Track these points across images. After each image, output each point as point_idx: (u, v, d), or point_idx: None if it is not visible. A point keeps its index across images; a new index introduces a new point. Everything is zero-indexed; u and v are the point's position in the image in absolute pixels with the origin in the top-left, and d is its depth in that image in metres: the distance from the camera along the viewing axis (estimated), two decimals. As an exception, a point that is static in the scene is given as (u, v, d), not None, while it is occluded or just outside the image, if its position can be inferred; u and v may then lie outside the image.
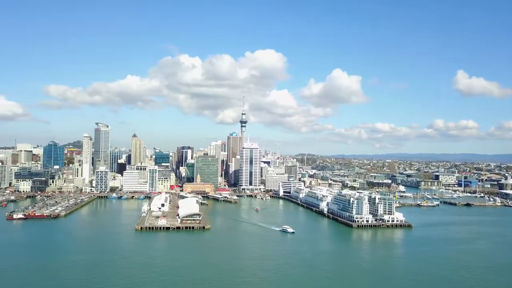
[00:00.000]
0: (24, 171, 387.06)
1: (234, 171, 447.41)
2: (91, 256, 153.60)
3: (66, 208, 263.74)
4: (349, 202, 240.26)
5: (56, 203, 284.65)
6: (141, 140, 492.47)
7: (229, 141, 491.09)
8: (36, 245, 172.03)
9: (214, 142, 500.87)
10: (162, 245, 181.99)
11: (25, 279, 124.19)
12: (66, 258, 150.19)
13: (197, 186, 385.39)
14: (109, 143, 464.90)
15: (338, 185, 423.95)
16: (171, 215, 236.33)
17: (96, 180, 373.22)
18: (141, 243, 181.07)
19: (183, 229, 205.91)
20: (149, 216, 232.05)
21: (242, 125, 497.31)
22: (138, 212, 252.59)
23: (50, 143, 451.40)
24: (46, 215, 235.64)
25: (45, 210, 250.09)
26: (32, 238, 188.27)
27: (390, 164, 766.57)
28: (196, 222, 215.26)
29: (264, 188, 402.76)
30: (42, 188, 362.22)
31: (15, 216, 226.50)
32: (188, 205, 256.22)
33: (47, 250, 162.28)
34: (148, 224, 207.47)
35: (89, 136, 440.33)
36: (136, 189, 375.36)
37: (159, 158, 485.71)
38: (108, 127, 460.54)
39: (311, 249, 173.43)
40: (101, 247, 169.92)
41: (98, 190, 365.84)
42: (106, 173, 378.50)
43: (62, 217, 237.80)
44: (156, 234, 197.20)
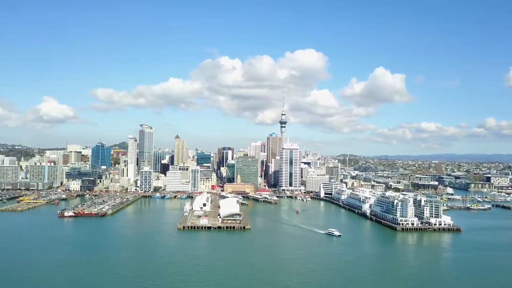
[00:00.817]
0: (74, 171, 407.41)
1: (274, 172, 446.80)
2: (136, 254, 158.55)
3: (112, 206, 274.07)
4: (393, 204, 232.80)
5: (103, 202, 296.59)
6: (184, 141, 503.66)
7: (269, 142, 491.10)
8: (85, 241, 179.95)
9: (253, 143, 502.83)
10: (204, 244, 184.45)
11: (75, 273, 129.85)
12: (112, 254, 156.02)
13: (237, 186, 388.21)
14: (153, 144, 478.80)
15: (382, 187, 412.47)
16: (212, 214, 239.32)
17: (141, 180, 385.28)
18: (183, 242, 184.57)
19: (224, 228, 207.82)
20: (191, 215, 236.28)
21: (282, 125, 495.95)
22: (180, 211, 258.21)
23: (98, 144, 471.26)
24: (94, 213, 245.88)
25: (93, 208, 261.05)
26: (81, 234, 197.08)
27: (437, 165, 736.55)
28: (237, 222, 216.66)
29: (305, 189, 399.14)
30: (91, 187, 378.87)
31: (66, 214, 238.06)
32: (229, 205, 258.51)
33: (95, 246, 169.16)
34: (190, 224, 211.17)
35: (134, 138, 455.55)
36: (179, 189, 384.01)
37: (201, 158, 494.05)
38: (152, 129, 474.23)
39: (353, 252, 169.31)
40: (145, 245, 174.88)
41: (142, 190, 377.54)
42: (150, 173, 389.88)
43: (109, 215, 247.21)
44: (198, 234, 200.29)
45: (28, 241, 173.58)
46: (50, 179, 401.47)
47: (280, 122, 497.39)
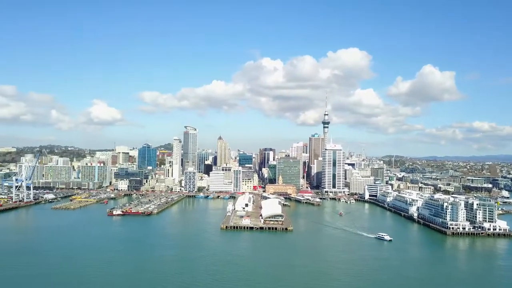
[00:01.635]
0: (122, 172, 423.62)
1: (317, 173, 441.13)
2: (180, 252, 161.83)
3: (158, 206, 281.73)
4: (442, 207, 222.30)
5: (149, 201, 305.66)
6: (226, 142, 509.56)
7: (311, 143, 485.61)
8: (132, 239, 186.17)
9: (295, 144, 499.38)
10: (246, 245, 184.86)
11: (121, 269, 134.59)
12: (157, 252, 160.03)
13: (279, 187, 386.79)
14: (196, 145, 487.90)
15: (430, 189, 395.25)
16: (255, 215, 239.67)
17: (185, 180, 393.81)
18: (226, 241, 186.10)
19: (266, 229, 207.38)
20: (233, 215, 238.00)
21: (324, 126, 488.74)
22: (223, 211, 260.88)
23: (144, 145, 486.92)
24: (140, 212, 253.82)
25: (140, 207, 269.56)
26: (128, 232, 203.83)
27: (490, 167, 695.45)
28: (279, 223, 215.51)
29: (348, 191, 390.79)
30: (137, 187, 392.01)
31: (114, 212, 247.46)
32: (270, 206, 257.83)
33: (141, 244, 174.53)
34: (232, 224, 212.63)
35: (178, 139, 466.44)
36: (222, 189, 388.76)
37: (243, 159, 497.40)
38: (195, 130, 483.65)
39: (400, 256, 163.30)
40: (189, 243, 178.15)
41: (186, 190, 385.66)
42: (194, 173, 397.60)
43: (154, 214, 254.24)
44: (240, 233, 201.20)
45: (80, 238, 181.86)
46: (100, 179, 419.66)
47: (322, 123, 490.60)
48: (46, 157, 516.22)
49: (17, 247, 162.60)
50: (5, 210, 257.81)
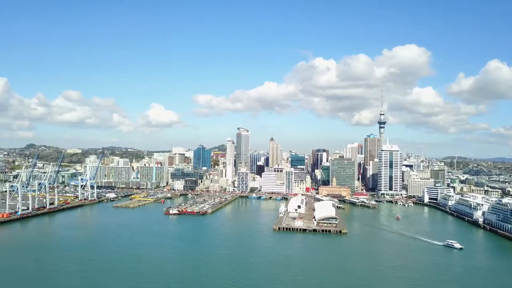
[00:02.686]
0: (178, 172, 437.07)
1: (372, 174, 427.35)
2: (233, 251, 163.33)
3: (212, 206, 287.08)
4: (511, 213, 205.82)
5: (204, 201, 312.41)
6: (278, 143, 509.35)
7: (367, 143, 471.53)
8: (187, 237, 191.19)
9: (350, 145, 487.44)
10: (299, 246, 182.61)
11: (177, 267, 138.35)
12: (211, 251, 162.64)
13: (333, 189, 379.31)
14: (249, 146, 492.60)
15: (497, 193, 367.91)
16: (307, 217, 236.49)
17: (238, 181, 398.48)
18: (278, 242, 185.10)
19: (319, 231, 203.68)
20: (286, 217, 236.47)
21: (380, 126, 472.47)
22: (275, 212, 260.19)
23: (199, 147, 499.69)
24: (195, 212, 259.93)
25: (195, 207, 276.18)
26: (184, 231, 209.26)
27: None
28: (333, 225, 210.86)
29: (406, 194, 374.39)
30: (193, 187, 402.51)
31: (171, 212, 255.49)
32: (324, 208, 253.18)
33: (195, 243, 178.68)
34: (285, 225, 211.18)
35: (231, 140, 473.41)
36: (274, 190, 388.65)
37: (295, 160, 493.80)
38: (248, 132, 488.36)
39: (463, 263, 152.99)
40: (242, 243, 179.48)
41: (239, 190, 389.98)
42: (246, 174, 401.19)
43: (209, 214, 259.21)
44: (292, 235, 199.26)
45: (139, 235, 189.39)
46: (157, 179, 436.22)
47: (378, 123, 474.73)
48: (108, 158, 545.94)
49: (82, 242, 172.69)
50: (72, 208, 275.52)
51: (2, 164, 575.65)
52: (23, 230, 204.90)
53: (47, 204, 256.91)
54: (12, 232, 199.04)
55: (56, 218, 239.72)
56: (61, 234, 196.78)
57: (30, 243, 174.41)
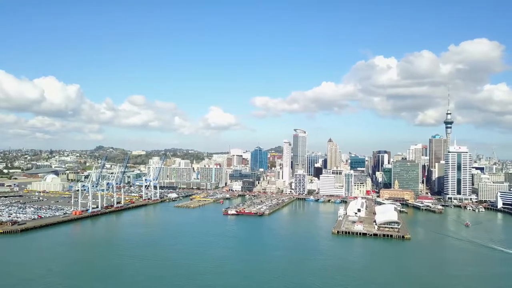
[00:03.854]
0: (236, 173, 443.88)
1: (438, 177, 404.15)
2: (291, 253, 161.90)
3: (269, 207, 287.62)
4: None
5: (261, 202, 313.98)
6: (337, 145, 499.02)
7: (431, 145, 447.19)
8: (245, 238, 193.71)
9: (413, 146, 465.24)
10: (359, 251, 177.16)
11: (234, 266, 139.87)
12: (269, 252, 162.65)
13: (395, 192, 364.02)
14: (306, 147, 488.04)
15: None
16: (368, 221, 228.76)
17: (295, 183, 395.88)
18: (337, 246, 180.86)
19: (380, 236, 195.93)
20: (345, 220, 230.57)
21: (447, 126, 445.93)
22: (334, 215, 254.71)
23: (256, 148, 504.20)
24: (253, 213, 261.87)
25: (252, 208, 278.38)
26: (242, 231, 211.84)
27: None
28: (395, 230, 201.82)
29: (476, 199, 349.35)
30: (250, 188, 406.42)
31: (229, 212, 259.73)
32: (385, 212, 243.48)
33: (254, 243, 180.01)
34: (344, 229, 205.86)
35: (288, 142, 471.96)
36: (332, 192, 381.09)
37: (355, 162, 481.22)
38: (305, 133, 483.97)
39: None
40: (299, 245, 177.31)
41: (297, 192, 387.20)
42: (304, 176, 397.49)
43: (266, 215, 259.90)
44: (352, 239, 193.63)
45: (199, 234, 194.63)
46: (216, 180, 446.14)
47: (444, 122, 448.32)
48: (170, 159, 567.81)
49: (145, 240, 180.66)
50: (137, 207, 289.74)
51: (75, 165, 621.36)
52: (93, 227, 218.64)
53: (114, 203, 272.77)
54: (84, 228, 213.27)
55: (122, 216, 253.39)
56: (127, 231, 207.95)
57: (99, 239, 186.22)
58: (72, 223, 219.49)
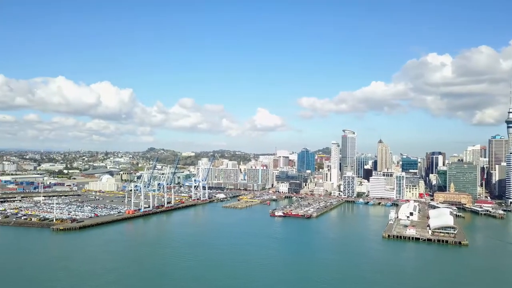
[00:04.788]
0: (283, 175, 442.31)
1: (499, 180, 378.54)
2: (339, 257, 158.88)
3: (317, 209, 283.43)
4: None
5: (309, 204, 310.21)
6: (387, 146, 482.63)
7: (491, 145, 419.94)
8: (292, 240, 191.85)
9: (471, 147, 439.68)
10: (411, 256, 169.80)
11: (281, 269, 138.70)
12: (317, 255, 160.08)
13: (450, 196, 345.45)
14: (355, 149, 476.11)
15: None
16: (421, 225, 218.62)
17: (344, 185, 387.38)
18: (388, 251, 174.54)
19: (434, 241, 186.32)
20: (396, 224, 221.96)
21: (508, 125, 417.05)
22: (384, 219, 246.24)
23: (303, 150, 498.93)
24: (300, 215, 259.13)
25: (299, 210, 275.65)
26: (289, 233, 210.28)
27: None
28: (451, 236, 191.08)
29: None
30: (297, 190, 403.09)
31: (276, 214, 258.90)
32: (440, 216, 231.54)
33: (301, 245, 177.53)
34: (395, 233, 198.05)
35: (336, 143, 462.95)
36: (383, 195, 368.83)
37: (407, 164, 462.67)
38: (354, 134, 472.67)
39: None
40: (349, 249, 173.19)
41: (345, 195, 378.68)
42: (353, 178, 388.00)
43: (314, 217, 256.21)
44: (404, 244, 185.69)
45: (246, 235, 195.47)
46: (263, 181, 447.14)
47: (506, 122, 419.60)
48: (218, 160, 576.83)
49: (194, 240, 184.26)
50: (186, 207, 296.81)
51: (128, 166, 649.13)
52: (145, 226, 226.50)
53: (165, 203, 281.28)
54: (136, 227, 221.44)
55: (172, 216, 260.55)
56: (176, 231, 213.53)
57: (150, 238, 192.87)
58: (125, 222, 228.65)
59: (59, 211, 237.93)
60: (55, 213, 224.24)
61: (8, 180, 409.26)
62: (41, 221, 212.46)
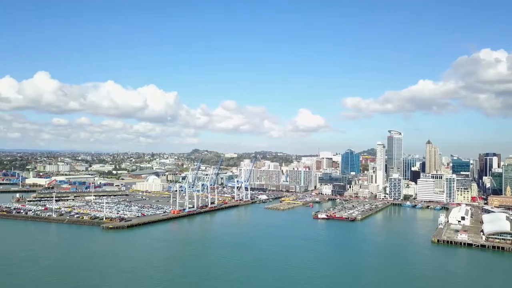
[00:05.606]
0: (326, 176, 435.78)
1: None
2: (385, 261, 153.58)
3: (362, 212, 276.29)
4: None
5: (353, 207, 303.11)
6: (436, 147, 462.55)
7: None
8: (336, 243, 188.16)
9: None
10: (463, 263, 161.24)
11: (324, 272, 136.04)
12: (361, 259, 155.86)
13: (506, 199, 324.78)
14: (402, 150, 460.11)
15: None
16: (473, 230, 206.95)
17: (390, 187, 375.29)
18: (438, 256, 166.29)
19: (489, 248, 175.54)
20: (447, 228, 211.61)
21: None
22: (433, 223, 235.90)
23: (347, 151, 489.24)
24: (344, 217, 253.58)
25: (343, 212, 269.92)
26: (333, 236, 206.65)
27: None
28: (507, 242, 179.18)
29: None
30: (341, 192, 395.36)
31: (319, 216, 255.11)
32: (495, 221, 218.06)
33: (345, 248, 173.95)
34: (446, 238, 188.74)
35: (382, 144, 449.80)
36: (432, 198, 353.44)
37: (457, 166, 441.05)
38: (400, 134, 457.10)
39: None
40: (395, 253, 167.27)
41: (391, 197, 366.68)
42: (399, 180, 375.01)
43: (358, 220, 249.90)
44: (455, 249, 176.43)
45: (288, 237, 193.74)
46: (305, 183, 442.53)
47: None
48: (260, 162, 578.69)
49: (239, 240, 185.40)
50: (229, 207, 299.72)
51: (173, 167, 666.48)
52: (189, 226, 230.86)
53: (209, 203, 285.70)
54: (181, 226, 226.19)
55: (216, 216, 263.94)
56: (219, 231, 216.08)
57: (194, 237, 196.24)
58: (170, 221, 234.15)
59: (108, 210, 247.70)
60: (104, 212, 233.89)
61: (63, 180, 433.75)
62: (92, 219, 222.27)
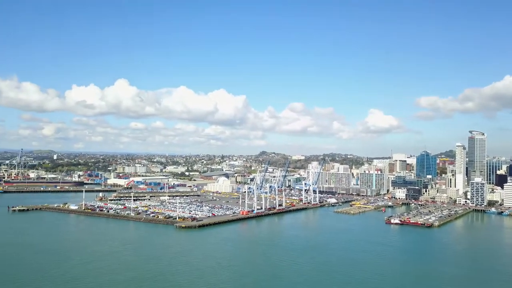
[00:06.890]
0: (399, 180, 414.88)
1: None
2: (466, 272, 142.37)
3: (439, 218, 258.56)
4: None
5: (430, 212, 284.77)
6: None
7: None
8: (411, 250, 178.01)
9: None
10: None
11: (398, 281, 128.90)
12: (439, 268, 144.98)
13: None
14: (485, 152, 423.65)
15: None
16: None
17: (471, 192, 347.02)
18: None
19: None
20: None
21: None
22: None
23: (422, 153, 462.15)
24: (420, 223, 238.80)
25: (419, 218, 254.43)
26: (407, 243, 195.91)
27: None
28: None
29: None
30: (416, 196, 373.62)
31: (392, 221, 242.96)
32: None
33: (421, 256, 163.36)
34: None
35: (462, 145, 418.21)
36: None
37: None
38: (483, 135, 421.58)
39: None
40: (477, 263, 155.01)
41: (473, 203, 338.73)
42: (482, 185, 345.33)
43: (435, 227, 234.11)
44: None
45: (359, 242, 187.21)
46: (377, 186, 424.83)
47: None
48: (328, 164, 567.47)
49: (307, 243, 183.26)
50: (297, 210, 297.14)
51: (242, 169, 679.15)
52: (257, 227, 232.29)
53: (276, 205, 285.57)
54: (249, 227, 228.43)
55: (284, 218, 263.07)
56: (287, 233, 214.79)
57: (262, 239, 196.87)
58: (239, 222, 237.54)
59: (181, 210, 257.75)
60: (178, 212, 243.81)
61: (140, 181, 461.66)
62: (166, 218, 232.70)
